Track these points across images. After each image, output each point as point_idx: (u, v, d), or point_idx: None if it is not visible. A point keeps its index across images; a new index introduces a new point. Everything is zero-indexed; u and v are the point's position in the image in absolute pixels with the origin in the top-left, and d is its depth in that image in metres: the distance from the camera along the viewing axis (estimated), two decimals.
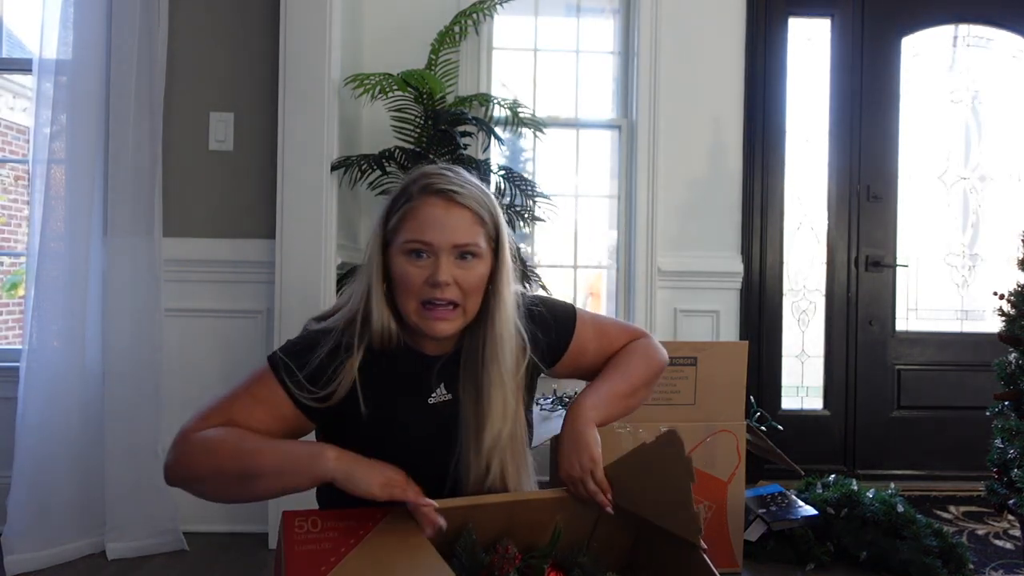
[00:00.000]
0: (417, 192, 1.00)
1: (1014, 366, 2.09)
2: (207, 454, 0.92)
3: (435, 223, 0.97)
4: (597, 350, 1.17)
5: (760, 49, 2.84)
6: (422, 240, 0.97)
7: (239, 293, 2.32)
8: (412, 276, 0.97)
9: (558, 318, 1.15)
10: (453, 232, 0.98)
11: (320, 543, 0.86)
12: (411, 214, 0.99)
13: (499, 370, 1.02)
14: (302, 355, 1.00)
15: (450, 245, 0.98)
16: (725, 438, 2.00)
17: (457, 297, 0.99)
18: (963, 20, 2.96)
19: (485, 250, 1.01)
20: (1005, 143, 2.99)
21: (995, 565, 2.08)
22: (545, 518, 0.99)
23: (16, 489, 1.97)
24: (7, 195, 4.67)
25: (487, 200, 1.03)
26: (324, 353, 0.99)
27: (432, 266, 0.97)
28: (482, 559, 0.90)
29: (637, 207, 2.75)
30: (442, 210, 0.98)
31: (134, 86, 2.12)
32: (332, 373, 0.99)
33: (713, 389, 1.99)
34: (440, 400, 1.06)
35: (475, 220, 1.00)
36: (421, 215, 0.98)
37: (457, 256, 0.99)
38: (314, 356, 0.99)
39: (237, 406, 0.97)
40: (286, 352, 1.01)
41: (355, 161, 2.26)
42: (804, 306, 2.96)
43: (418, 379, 1.05)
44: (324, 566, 0.82)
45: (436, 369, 1.06)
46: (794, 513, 2.06)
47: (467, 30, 2.46)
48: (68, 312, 2.04)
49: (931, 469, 2.90)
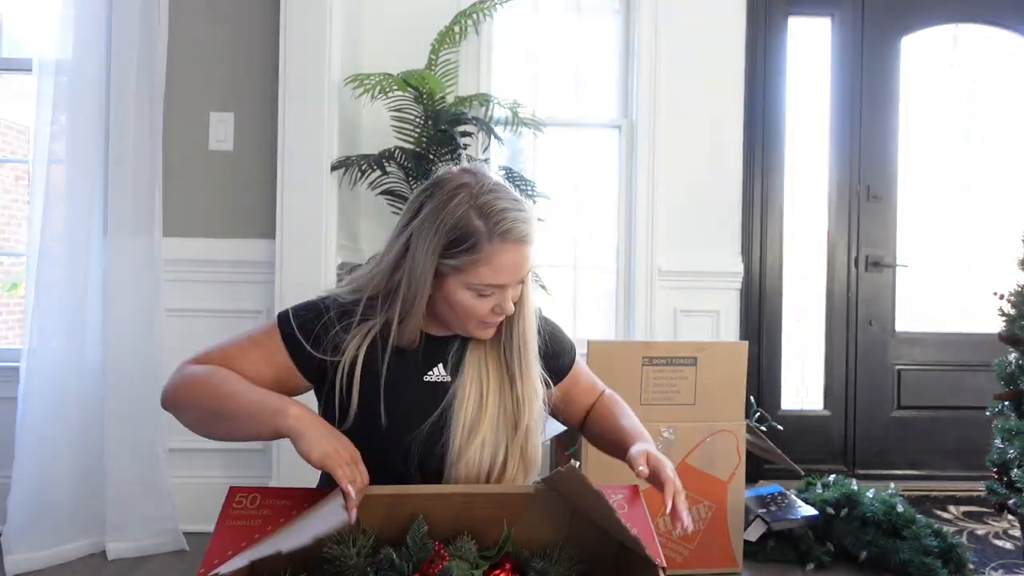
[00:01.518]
0: (495, 237, 0.97)
1: (1014, 366, 2.09)
2: (191, 387, 0.97)
3: (511, 269, 0.99)
4: (585, 387, 1.23)
5: (760, 49, 2.84)
6: (497, 284, 0.99)
7: (239, 293, 2.32)
8: (478, 308, 1.01)
9: (564, 342, 1.20)
10: (522, 270, 1.01)
11: (251, 519, 0.86)
12: (486, 261, 0.97)
13: (532, 356, 1.08)
14: (312, 316, 1.04)
15: (517, 281, 1.02)
16: (725, 438, 2.00)
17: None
18: (963, 20, 2.96)
19: None
20: (1005, 143, 2.99)
21: (995, 565, 2.08)
22: (511, 514, 0.94)
23: (16, 489, 1.97)
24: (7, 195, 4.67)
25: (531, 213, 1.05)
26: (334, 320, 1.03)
27: (498, 299, 1.01)
28: (429, 552, 0.88)
29: (637, 207, 2.75)
30: (517, 255, 0.99)
31: (134, 86, 2.12)
32: (337, 341, 1.02)
33: (713, 389, 1.99)
34: (437, 380, 1.08)
35: (531, 247, 1.03)
36: (498, 264, 0.98)
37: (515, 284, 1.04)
38: (323, 320, 1.03)
39: (236, 348, 1.03)
40: (296, 309, 1.06)
41: (355, 161, 2.26)
42: (804, 306, 2.96)
43: (418, 357, 1.07)
44: (246, 542, 0.82)
45: (440, 350, 1.09)
46: (794, 513, 2.06)
47: (467, 30, 2.46)
48: (68, 312, 2.04)
49: (931, 469, 2.90)
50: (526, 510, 0.94)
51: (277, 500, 0.90)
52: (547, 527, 0.95)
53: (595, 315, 2.90)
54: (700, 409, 2.02)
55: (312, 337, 1.02)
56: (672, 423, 1.98)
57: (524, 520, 0.94)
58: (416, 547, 0.88)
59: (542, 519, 0.94)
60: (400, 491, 0.92)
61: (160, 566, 2.02)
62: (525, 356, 1.07)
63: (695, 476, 1.99)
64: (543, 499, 0.93)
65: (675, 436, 1.98)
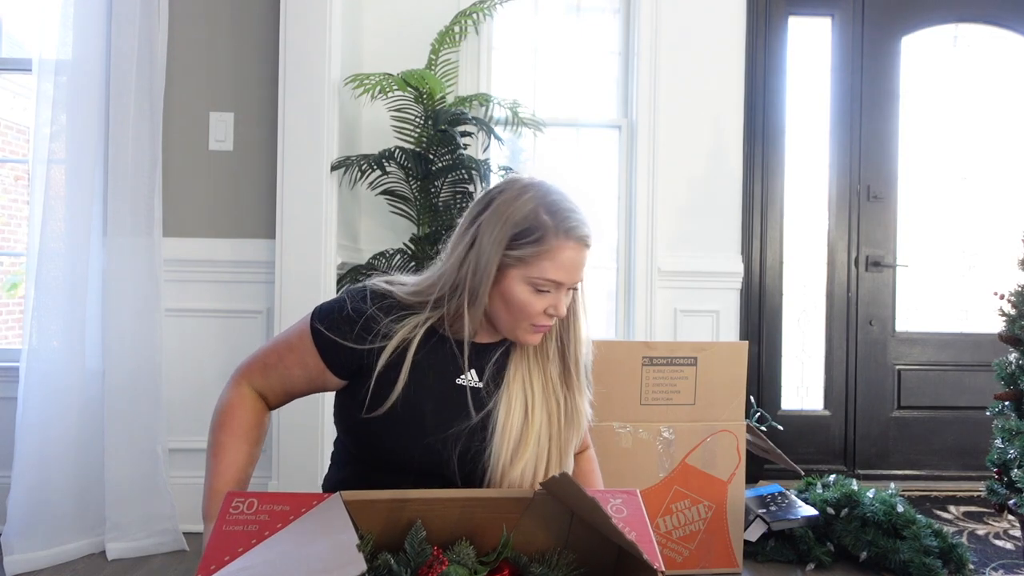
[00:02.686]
0: (560, 232, 1.01)
1: (1014, 366, 2.09)
2: (217, 414, 1.08)
3: (571, 267, 1.03)
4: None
5: (760, 49, 2.84)
6: (556, 281, 1.02)
7: (239, 293, 2.32)
8: (534, 305, 1.03)
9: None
10: (579, 273, 1.05)
11: (248, 524, 0.86)
12: (550, 255, 1.01)
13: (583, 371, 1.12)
14: (344, 316, 1.05)
15: (573, 283, 1.05)
16: (725, 438, 2.00)
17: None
18: (963, 20, 2.96)
19: None
20: (1005, 143, 2.99)
21: (995, 565, 2.08)
22: (509, 519, 0.94)
23: (16, 489, 1.97)
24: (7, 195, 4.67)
25: None
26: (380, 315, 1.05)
27: (553, 299, 1.04)
28: (427, 557, 0.88)
29: (637, 207, 2.75)
30: (579, 255, 1.03)
31: (134, 86, 2.12)
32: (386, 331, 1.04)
33: (713, 389, 1.99)
34: (468, 384, 1.09)
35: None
36: (560, 259, 1.02)
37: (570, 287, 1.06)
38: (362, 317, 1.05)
39: (274, 354, 1.09)
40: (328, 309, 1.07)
41: (355, 161, 2.26)
42: (804, 306, 2.96)
43: (456, 361, 1.09)
44: (242, 547, 0.82)
45: (480, 356, 1.10)
46: (794, 513, 2.06)
47: (467, 30, 2.46)
48: (68, 312, 2.04)
49: (931, 469, 2.90)
50: (525, 515, 0.94)
51: (275, 505, 0.90)
52: (546, 532, 0.95)
53: (595, 315, 2.90)
54: (700, 409, 2.02)
55: (347, 332, 1.04)
56: (672, 423, 1.98)
57: (523, 525, 0.94)
58: (414, 552, 0.87)
59: (541, 524, 0.94)
60: (399, 496, 0.91)
61: (160, 566, 2.02)
62: (577, 373, 1.11)
63: (695, 476, 1.98)
64: (541, 504, 0.93)
65: (675, 436, 1.98)
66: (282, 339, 1.09)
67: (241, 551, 0.82)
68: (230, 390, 1.10)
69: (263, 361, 1.09)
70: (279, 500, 0.91)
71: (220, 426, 1.07)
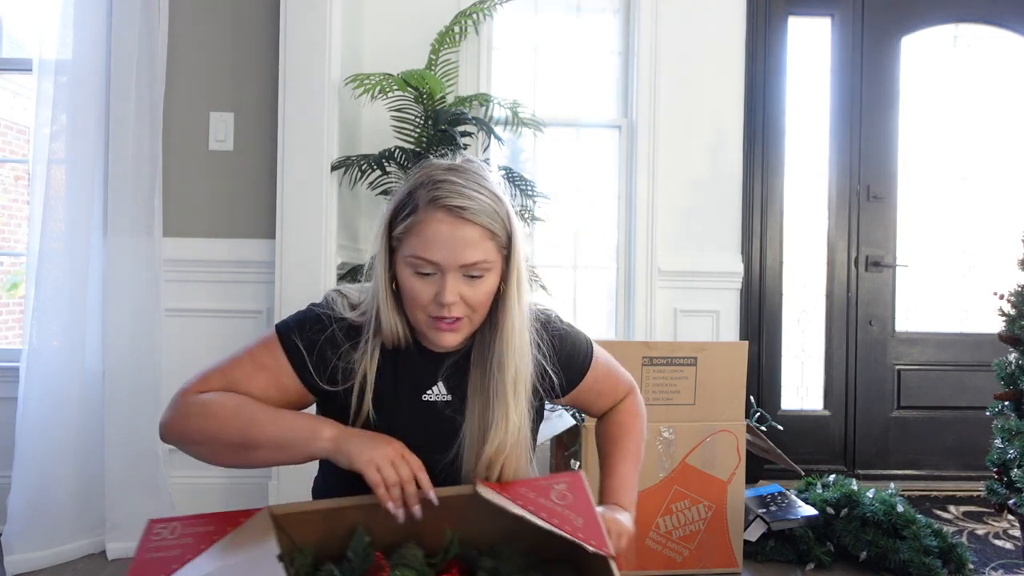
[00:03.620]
0: (424, 204, 0.92)
1: (1014, 366, 2.09)
2: (204, 418, 0.92)
3: (442, 243, 0.91)
4: (601, 393, 1.18)
5: (760, 49, 2.84)
6: (427, 259, 0.92)
7: (239, 293, 2.32)
8: (419, 292, 0.94)
9: (574, 355, 1.12)
10: (461, 252, 0.91)
11: (170, 550, 0.83)
12: (416, 229, 0.92)
13: (509, 379, 0.98)
14: (314, 334, 0.99)
15: (457, 265, 0.92)
16: (725, 438, 2.00)
17: (463, 312, 0.95)
18: (963, 20, 2.96)
19: (495, 262, 0.96)
20: (1005, 143, 2.99)
21: (995, 565, 2.08)
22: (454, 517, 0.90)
23: (16, 489, 1.97)
24: (7, 195, 4.67)
25: (499, 208, 0.96)
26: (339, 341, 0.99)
27: (438, 284, 0.93)
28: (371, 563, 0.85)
29: (637, 207, 2.75)
30: (449, 228, 0.91)
31: (134, 86, 2.12)
32: (344, 364, 0.98)
33: (713, 389, 1.99)
34: (436, 399, 1.03)
35: (484, 235, 0.93)
36: (427, 233, 0.91)
37: (464, 275, 0.94)
38: (326, 341, 0.98)
39: (239, 370, 0.97)
40: (297, 325, 1.00)
41: (355, 161, 2.26)
42: (804, 306, 2.96)
43: (419, 375, 1.03)
44: (163, 573, 0.80)
45: (439, 368, 1.04)
46: (794, 513, 2.06)
47: (467, 30, 2.46)
48: (68, 312, 2.04)
49: (931, 469, 2.90)
50: (469, 510, 0.90)
51: (198, 527, 0.86)
52: (494, 524, 0.90)
53: (595, 315, 2.90)
54: (700, 409, 2.02)
55: (319, 362, 0.98)
56: (672, 423, 1.98)
57: (469, 520, 0.91)
58: (359, 559, 0.84)
59: (487, 517, 0.90)
60: (334, 504, 0.88)
61: None
62: (501, 380, 0.98)
63: (695, 476, 1.98)
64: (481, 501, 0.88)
65: (675, 436, 1.98)
66: (244, 357, 0.98)
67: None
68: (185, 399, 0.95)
69: (225, 377, 0.97)
70: (203, 521, 0.87)
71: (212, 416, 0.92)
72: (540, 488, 0.87)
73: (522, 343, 1.00)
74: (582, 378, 1.13)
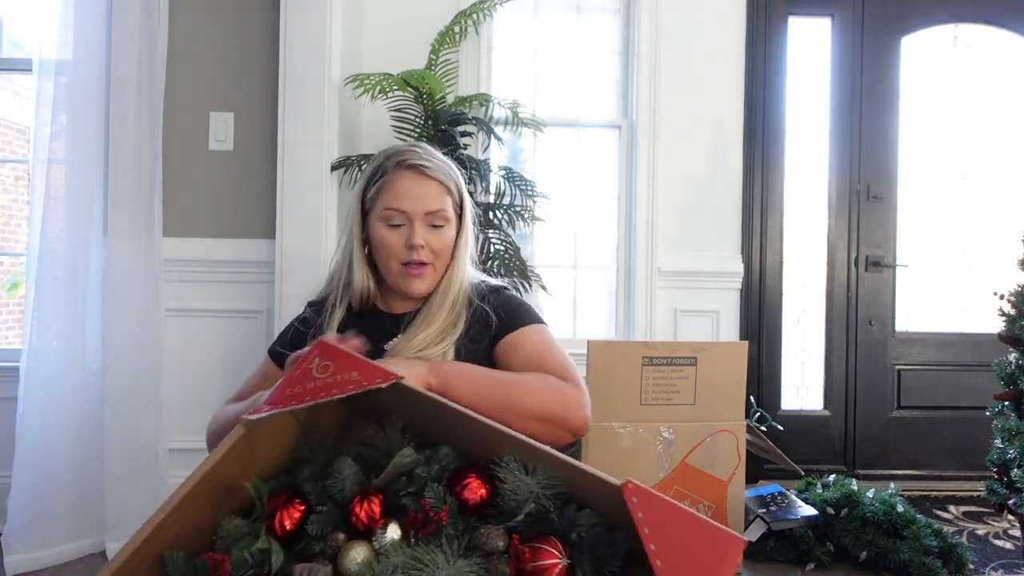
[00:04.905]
0: (392, 167, 1.13)
1: (1014, 366, 2.09)
2: (220, 426, 1.08)
3: (409, 194, 1.11)
4: (528, 356, 1.11)
5: (760, 49, 2.84)
6: (398, 208, 1.11)
7: (239, 293, 2.32)
8: (391, 241, 1.11)
9: (516, 311, 1.15)
10: (424, 201, 1.11)
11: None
12: (387, 186, 1.12)
13: (436, 312, 1.11)
14: (288, 327, 1.21)
15: (423, 212, 1.11)
16: (725, 438, 2.00)
17: (428, 258, 1.12)
18: (963, 20, 2.96)
19: (452, 216, 1.15)
20: (1005, 143, 2.99)
21: (995, 565, 2.08)
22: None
23: (16, 489, 1.97)
24: (7, 195, 4.67)
25: (452, 172, 1.17)
26: (311, 318, 1.18)
27: (408, 232, 1.11)
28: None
29: (637, 207, 2.75)
30: (415, 182, 1.12)
31: (134, 86, 2.12)
32: (315, 329, 1.14)
33: (713, 389, 1.99)
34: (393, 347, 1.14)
35: (443, 190, 1.14)
36: (396, 187, 1.12)
37: (428, 224, 1.12)
38: (298, 322, 1.19)
39: (249, 380, 1.18)
40: (281, 333, 1.23)
41: (355, 161, 2.26)
42: (804, 306, 2.96)
43: (382, 328, 1.15)
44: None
45: (400, 323, 1.16)
46: (794, 513, 2.06)
47: (467, 30, 2.46)
48: (68, 312, 2.04)
49: (931, 469, 2.90)
50: None
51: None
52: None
53: (595, 315, 2.90)
54: (700, 409, 2.01)
55: (291, 341, 1.16)
56: (672, 423, 1.98)
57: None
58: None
59: None
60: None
61: None
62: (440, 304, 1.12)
63: (695, 476, 1.98)
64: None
65: (675, 436, 1.98)
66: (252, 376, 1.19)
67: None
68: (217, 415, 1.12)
69: (237, 391, 1.17)
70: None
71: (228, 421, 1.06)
72: (302, 375, 0.77)
73: (459, 287, 1.15)
74: (514, 329, 1.12)
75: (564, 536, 0.70)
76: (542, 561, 0.67)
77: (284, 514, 0.73)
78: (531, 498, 0.70)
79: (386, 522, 0.71)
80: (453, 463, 0.76)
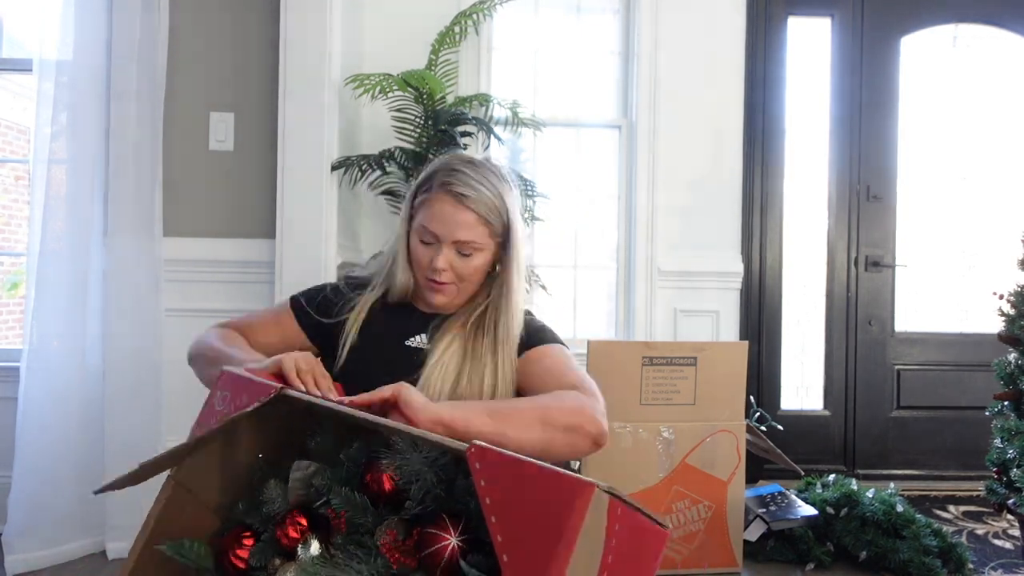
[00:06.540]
0: (437, 186, 1.12)
1: (1014, 366, 2.09)
2: (200, 344, 1.15)
3: (443, 219, 1.10)
4: (549, 369, 1.14)
5: (760, 49, 2.84)
6: (430, 230, 1.11)
7: (239, 293, 2.32)
8: (420, 256, 1.13)
9: (536, 330, 1.19)
10: (456, 230, 1.10)
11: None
12: (427, 204, 1.12)
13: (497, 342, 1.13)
14: (318, 289, 1.23)
15: (451, 240, 1.11)
16: (725, 438, 1.99)
17: (452, 280, 1.13)
18: (963, 20, 2.96)
19: (487, 244, 1.14)
20: (1005, 143, 2.99)
21: (995, 565, 2.08)
22: None
23: (16, 489, 1.97)
24: (7, 195, 4.67)
25: (498, 202, 1.13)
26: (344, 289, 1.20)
27: (435, 252, 1.11)
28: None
29: (637, 207, 2.75)
30: (451, 208, 1.10)
31: (134, 86, 2.12)
32: (345, 303, 1.18)
33: (713, 389, 1.98)
34: (417, 346, 1.16)
35: (479, 221, 1.11)
36: (433, 208, 1.11)
37: (457, 251, 1.12)
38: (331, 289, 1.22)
39: (254, 316, 1.22)
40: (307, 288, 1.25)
41: (355, 161, 2.26)
42: (804, 306, 2.96)
43: (409, 325, 1.17)
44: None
45: (427, 323, 1.17)
46: (794, 513, 2.05)
47: (467, 30, 2.46)
48: (68, 312, 2.04)
49: (931, 469, 2.90)
50: None
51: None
52: None
53: (595, 315, 2.90)
54: (700, 409, 2.01)
55: (319, 304, 1.19)
56: (672, 423, 1.98)
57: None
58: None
59: None
60: None
61: None
62: (496, 341, 1.12)
63: (695, 476, 1.98)
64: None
65: (675, 436, 1.98)
66: (262, 309, 1.24)
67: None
68: (211, 329, 1.17)
69: (243, 320, 1.20)
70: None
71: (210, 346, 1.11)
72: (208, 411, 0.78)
73: (519, 322, 1.16)
74: (536, 345, 1.17)
75: (460, 512, 0.67)
76: (428, 548, 0.64)
77: (231, 555, 0.73)
78: (421, 476, 0.69)
79: (307, 538, 0.71)
80: (364, 457, 0.74)
